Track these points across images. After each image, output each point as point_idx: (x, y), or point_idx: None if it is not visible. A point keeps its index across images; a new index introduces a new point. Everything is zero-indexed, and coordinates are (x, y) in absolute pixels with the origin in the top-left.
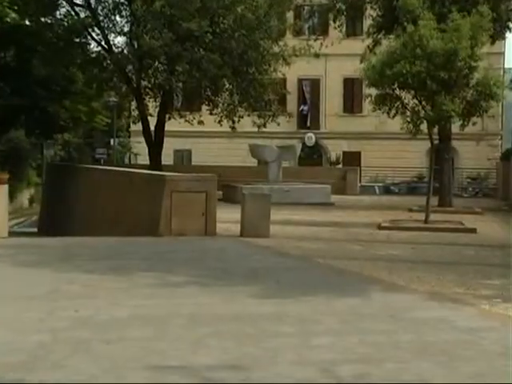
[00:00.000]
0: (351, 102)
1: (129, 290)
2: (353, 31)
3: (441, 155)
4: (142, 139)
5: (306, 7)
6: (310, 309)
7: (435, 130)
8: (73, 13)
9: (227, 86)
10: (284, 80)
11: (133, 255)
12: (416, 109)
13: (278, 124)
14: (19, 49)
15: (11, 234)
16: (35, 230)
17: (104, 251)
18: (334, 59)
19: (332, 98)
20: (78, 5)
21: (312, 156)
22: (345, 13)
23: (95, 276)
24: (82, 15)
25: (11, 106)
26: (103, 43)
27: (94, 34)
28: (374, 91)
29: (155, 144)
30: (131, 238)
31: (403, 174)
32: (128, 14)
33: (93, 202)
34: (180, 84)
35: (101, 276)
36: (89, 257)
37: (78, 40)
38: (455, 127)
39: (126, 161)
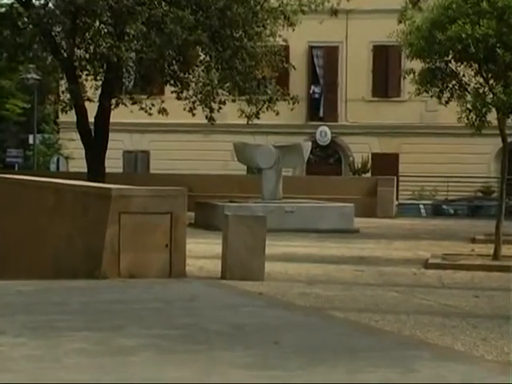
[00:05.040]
0: (384, 81)
1: (55, 358)
2: None
3: None
4: (77, 135)
5: None
6: None
7: (509, 121)
8: None
9: (202, 57)
10: (286, 49)
11: (62, 307)
12: (481, 91)
13: (277, 114)
14: None
15: None
16: None
17: (18, 302)
18: (358, 18)
19: (356, 75)
20: None
21: (327, 160)
22: None
23: (4, 339)
24: None
25: None
26: None
27: None
28: (418, 65)
29: (96, 142)
30: (59, 281)
31: (461, 186)
32: None
33: (1, 228)
34: (132, 54)
35: (13, 339)
36: None
37: None
38: None
39: (53, 167)
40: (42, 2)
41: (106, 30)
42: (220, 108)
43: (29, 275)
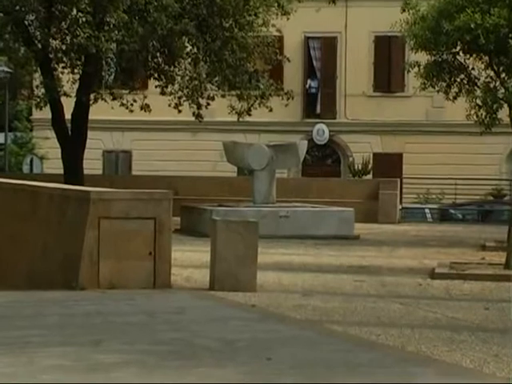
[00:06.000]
0: (387, 75)
1: (30, 373)
2: None
3: None
4: (52, 133)
5: None
6: None
7: None
8: None
9: (189, 48)
10: (280, 39)
11: (36, 321)
12: (491, 85)
13: (271, 110)
14: None
15: None
16: None
17: None
18: (359, 6)
19: (356, 69)
20: None
21: (324, 161)
22: None
23: None
24: None
25: None
26: None
27: None
28: (423, 57)
29: (73, 141)
30: (34, 292)
31: (470, 189)
32: None
33: None
34: (113, 45)
35: None
36: None
37: None
38: None
39: (26, 168)
40: None
41: (84, 19)
42: (208, 104)
43: (1, 285)
